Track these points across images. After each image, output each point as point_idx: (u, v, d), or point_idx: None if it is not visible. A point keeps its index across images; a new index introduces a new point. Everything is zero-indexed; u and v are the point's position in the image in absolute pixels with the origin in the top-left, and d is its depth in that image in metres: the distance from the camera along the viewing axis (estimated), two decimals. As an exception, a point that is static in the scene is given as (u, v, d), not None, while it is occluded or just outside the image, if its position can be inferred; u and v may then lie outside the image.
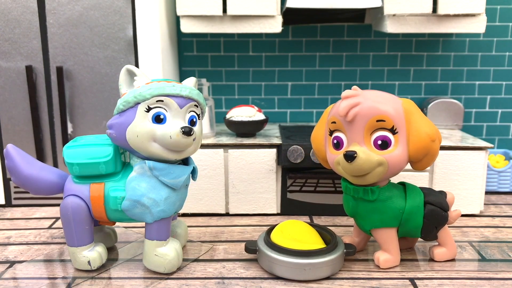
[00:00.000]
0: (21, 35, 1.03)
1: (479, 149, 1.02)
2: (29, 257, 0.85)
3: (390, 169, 0.74)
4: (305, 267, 0.75)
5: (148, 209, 0.74)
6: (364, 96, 0.74)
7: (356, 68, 1.27)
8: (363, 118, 0.73)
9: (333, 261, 0.76)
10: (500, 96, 1.28)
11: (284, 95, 1.29)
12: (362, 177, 0.74)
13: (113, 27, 1.03)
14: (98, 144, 0.76)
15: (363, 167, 0.72)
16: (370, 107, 0.72)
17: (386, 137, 0.73)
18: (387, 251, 0.80)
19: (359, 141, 0.74)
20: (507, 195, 1.19)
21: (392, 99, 0.75)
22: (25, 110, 1.07)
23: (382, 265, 0.80)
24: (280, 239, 0.79)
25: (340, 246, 0.79)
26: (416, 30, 1.06)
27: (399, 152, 0.74)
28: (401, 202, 0.78)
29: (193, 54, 1.26)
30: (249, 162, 1.03)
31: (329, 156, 0.79)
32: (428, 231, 0.79)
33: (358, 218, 0.81)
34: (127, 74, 0.75)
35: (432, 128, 0.75)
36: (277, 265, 0.76)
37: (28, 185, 0.77)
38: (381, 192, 0.77)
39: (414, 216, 0.78)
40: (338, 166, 0.76)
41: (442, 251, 0.83)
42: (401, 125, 0.74)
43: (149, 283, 0.76)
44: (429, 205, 0.78)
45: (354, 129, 0.74)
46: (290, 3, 1.01)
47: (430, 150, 0.75)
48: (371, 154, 0.73)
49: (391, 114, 0.73)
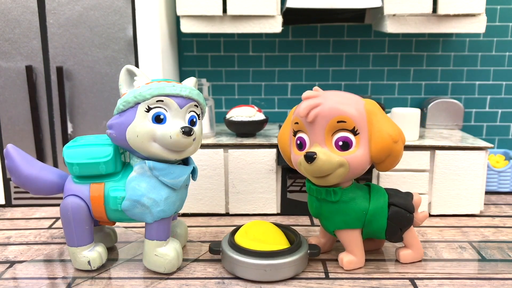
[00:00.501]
0: (21, 35, 1.03)
1: (479, 149, 1.02)
2: (29, 257, 0.85)
3: (352, 170, 0.74)
4: (266, 268, 0.74)
5: (148, 209, 0.74)
6: (325, 96, 0.74)
7: (356, 68, 1.27)
8: (323, 119, 0.72)
9: (295, 261, 0.75)
10: (500, 96, 1.28)
11: (284, 95, 1.29)
12: (324, 178, 0.74)
13: (113, 27, 1.03)
14: (98, 144, 0.76)
15: (323, 168, 0.72)
16: (331, 108, 0.72)
17: (347, 138, 0.73)
18: (351, 253, 0.80)
19: (320, 142, 0.73)
20: (507, 195, 1.19)
21: (353, 99, 0.75)
22: (25, 110, 1.07)
23: (345, 267, 0.79)
24: (244, 240, 0.78)
25: (304, 247, 0.78)
26: (416, 30, 1.06)
27: (360, 153, 0.73)
28: (364, 203, 0.77)
29: (193, 54, 1.26)
30: (249, 162, 1.03)
31: (293, 156, 0.79)
32: (393, 233, 0.79)
33: (322, 219, 0.80)
34: (127, 74, 0.75)
35: (394, 129, 0.74)
36: (238, 266, 0.76)
37: (28, 185, 0.77)
38: (344, 193, 0.76)
39: (377, 217, 0.77)
40: (300, 167, 0.76)
41: (408, 252, 0.82)
42: (362, 126, 0.73)
43: (149, 283, 0.76)
44: (393, 206, 0.77)
45: (315, 130, 0.73)
46: (290, 3, 1.01)
47: (392, 151, 0.74)
48: (332, 155, 0.72)
49: (352, 115, 0.72)
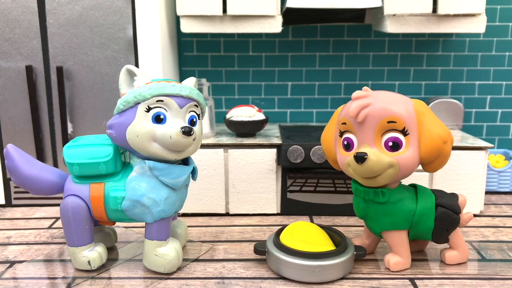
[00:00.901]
0: (21, 35, 1.03)
1: (479, 149, 1.02)
2: (29, 257, 0.85)
3: (401, 171, 0.73)
4: (315, 269, 0.74)
5: (148, 209, 0.74)
6: (375, 97, 0.73)
7: (356, 68, 1.27)
8: (373, 119, 0.72)
9: (342, 263, 0.76)
10: (500, 96, 1.28)
11: (284, 95, 1.29)
12: (373, 179, 0.74)
13: (113, 27, 1.03)
14: (98, 144, 0.76)
15: (373, 169, 0.72)
16: (381, 108, 0.72)
17: (397, 138, 0.72)
18: (397, 254, 0.79)
19: (369, 142, 0.73)
20: (507, 195, 1.19)
21: (403, 100, 0.74)
22: (25, 110, 1.07)
23: (392, 268, 0.79)
24: (290, 241, 0.78)
25: (350, 248, 0.78)
26: (416, 30, 1.05)
27: (410, 153, 0.73)
28: (412, 204, 0.77)
29: (193, 54, 1.26)
30: (249, 162, 1.03)
31: (339, 157, 0.78)
32: (440, 234, 0.78)
33: (369, 220, 0.80)
34: (127, 74, 0.75)
35: (444, 129, 0.74)
36: (286, 267, 0.76)
37: (28, 185, 0.77)
38: (392, 194, 0.76)
39: (425, 218, 0.77)
40: (348, 168, 0.75)
41: (454, 254, 0.82)
42: (412, 126, 0.73)
43: (149, 283, 0.76)
44: (440, 207, 0.77)
45: (365, 130, 0.73)
46: (290, 3, 1.01)
47: (442, 151, 0.74)
48: (382, 155, 0.72)
49: (402, 115, 0.72)
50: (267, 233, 0.97)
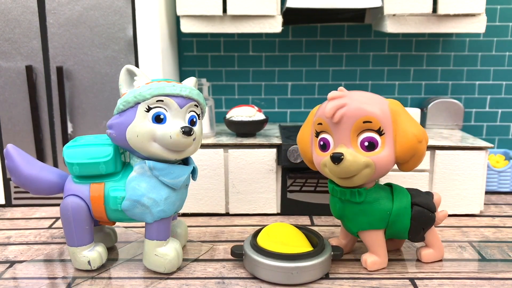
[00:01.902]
0: (21, 35, 1.03)
1: (479, 149, 1.02)
2: (29, 257, 0.85)
3: (377, 170, 0.73)
4: (292, 271, 0.74)
5: (148, 209, 0.74)
6: (350, 97, 0.73)
7: (356, 68, 1.27)
8: (349, 119, 0.72)
9: (320, 264, 0.75)
10: (500, 96, 1.28)
11: (284, 95, 1.29)
12: (349, 179, 0.74)
13: (113, 27, 1.03)
14: (98, 144, 0.76)
15: (350, 169, 0.72)
16: (357, 108, 0.72)
17: (373, 138, 0.73)
18: (374, 253, 0.80)
19: (345, 142, 0.73)
20: (507, 195, 1.19)
21: (378, 100, 0.75)
22: (25, 110, 1.07)
23: (369, 267, 0.79)
24: (267, 243, 0.78)
25: (327, 249, 0.78)
26: (416, 30, 1.05)
27: (386, 153, 0.73)
28: (388, 204, 0.77)
29: (193, 54, 1.26)
30: (249, 162, 1.03)
31: (315, 157, 0.78)
32: (416, 233, 0.79)
33: (345, 220, 0.80)
34: (127, 74, 0.75)
35: (418, 128, 0.74)
36: (263, 269, 0.75)
37: (28, 185, 0.77)
38: (368, 194, 0.76)
39: (401, 217, 0.77)
40: (324, 168, 0.75)
41: (429, 252, 0.82)
42: (387, 126, 0.73)
43: (149, 283, 0.76)
44: (416, 206, 0.77)
45: (341, 131, 0.73)
46: (290, 3, 1.01)
47: (417, 151, 0.74)
48: (358, 155, 0.72)
49: (377, 115, 0.72)
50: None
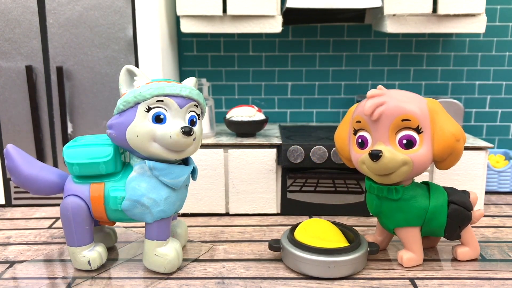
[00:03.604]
0: (21, 35, 1.03)
1: (479, 149, 1.02)
2: (29, 257, 0.85)
3: (415, 168, 0.74)
4: (330, 265, 0.76)
5: (148, 209, 0.74)
6: (389, 95, 0.74)
7: (356, 68, 1.27)
8: (388, 118, 0.73)
9: (356, 259, 0.77)
10: (500, 96, 1.28)
11: (284, 95, 1.29)
12: (387, 176, 0.75)
13: (113, 27, 1.03)
14: (98, 144, 0.76)
15: (388, 166, 0.73)
16: (396, 107, 0.73)
17: (411, 136, 0.73)
18: (410, 250, 0.81)
19: (384, 140, 0.74)
20: (507, 195, 1.19)
21: (417, 98, 0.76)
22: (25, 110, 1.07)
23: (405, 264, 0.80)
24: (304, 237, 0.80)
25: (364, 245, 0.80)
26: (416, 30, 1.05)
27: (424, 151, 0.74)
28: (425, 201, 0.78)
29: (193, 54, 1.26)
30: (249, 162, 1.03)
31: (353, 155, 0.79)
32: (452, 231, 0.80)
33: (382, 217, 0.81)
34: (127, 74, 0.75)
35: (456, 127, 0.75)
36: (302, 263, 0.77)
37: (28, 185, 0.77)
38: (405, 191, 0.77)
39: (438, 215, 0.78)
40: (362, 165, 0.77)
41: (465, 250, 0.83)
42: (426, 124, 0.74)
43: (149, 283, 0.76)
44: (453, 204, 0.78)
45: (379, 128, 0.74)
46: (290, 3, 1.01)
47: (454, 149, 0.75)
48: (396, 153, 0.73)
49: (416, 113, 0.73)
50: (267, 233, 0.97)
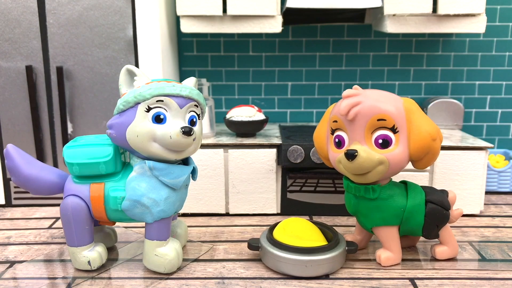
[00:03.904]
0: (21, 35, 1.03)
1: (479, 149, 1.02)
2: (29, 257, 0.85)
3: (391, 167, 0.75)
4: (306, 264, 0.76)
5: (148, 209, 0.74)
6: (365, 95, 0.74)
7: (356, 68, 1.27)
8: (364, 117, 0.73)
9: (334, 258, 0.77)
10: (500, 96, 1.28)
11: (284, 95, 1.29)
12: (363, 176, 0.75)
13: (113, 27, 1.03)
14: (98, 144, 0.76)
15: (364, 166, 0.73)
16: (371, 106, 0.73)
17: (387, 136, 0.74)
18: (388, 249, 0.81)
19: (360, 140, 0.74)
20: (507, 195, 1.19)
21: (393, 98, 0.76)
22: (25, 110, 1.07)
23: (383, 263, 0.81)
24: (283, 237, 0.80)
25: (342, 244, 0.80)
26: (416, 30, 1.05)
27: (400, 151, 0.74)
28: (402, 201, 0.78)
29: (193, 54, 1.26)
30: (249, 162, 1.03)
31: (331, 154, 0.80)
32: (430, 230, 0.80)
33: (360, 216, 0.82)
34: (127, 74, 0.75)
35: (433, 127, 0.75)
36: (279, 262, 0.77)
37: (28, 185, 0.77)
38: (382, 191, 0.78)
39: (415, 214, 0.78)
40: (339, 165, 0.77)
41: (444, 249, 0.83)
42: (402, 124, 0.74)
43: (149, 283, 0.76)
44: (430, 203, 0.79)
45: (355, 128, 0.74)
46: (290, 3, 1.01)
47: (431, 149, 0.75)
48: (372, 152, 0.73)
49: (392, 113, 0.73)
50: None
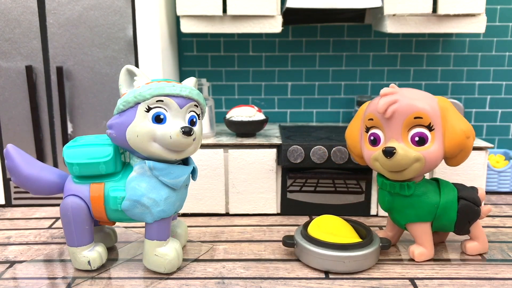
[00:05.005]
0: (21, 35, 1.03)
1: (479, 149, 1.02)
2: (29, 257, 0.85)
3: (427, 165, 0.76)
4: (344, 260, 0.77)
5: (148, 209, 0.74)
6: (401, 93, 0.76)
7: (356, 68, 1.27)
8: (401, 115, 0.75)
9: (370, 254, 0.79)
10: (500, 96, 1.28)
11: (284, 95, 1.29)
12: (400, 173, 0.77)
13: (113, 27, 1.03)
14: (98, 144, 0.76)
15: (401, 163, 0.75)
16: (408, 105, 0.75)
17: (423, 133, 0.75)
18: (421, 245, 0.82)
19: (396, 137, 0.76)
20: (507, 195, 1.19)
21: (428, 96, 0.78)
22: (25, 110, 1.07)
23: (417, 259, 0.82)
24: (318, 233, 0.81)
25: (376, 240, 0.81)
26: (416, 30, 1.06)
27: (435, 148, 0.76)
28: (435, 197, 0.80)
29: (193, 54, 1.26)
30: (249, 162, 1.03)
31: (365, 152, 0.81)
32: (462, 226, 0.81)
33: (394, 212, 0.83)
34: (127, 74, 0.75)
35: (466, 125, 0.77)
36: (316, 258, 0.79)
37: (28, 185, 0.77)
38: (417, 188, 0.79)
39: (448, 211, 0.80)
40: (375, 162, 0.78)
41: (474, 245, 0.84)
42: (437, 122, 0.76)
43: (149, 283, 0.76)
44: (462, 200, 0.80)
45: (392, 126, 0.76)
46: (290, 3, 1.01)
47: (465, 146, 0.77)
48: (409, 150, 0.75)
49: (428, 111, 0.75)
50: (267, 233, 0.97)
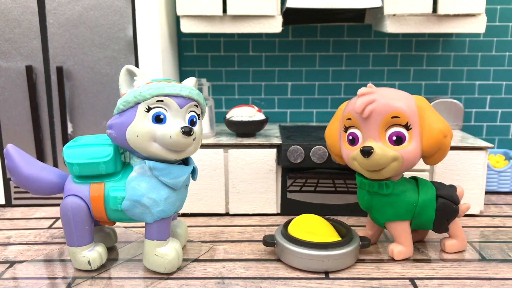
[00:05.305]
0: (21, 35, 1.03)
1: (479, 149, 1.02)
2: (29, 257, 0.85)
3: (405, 164, 0.77)
4: (324, 259, 0.77)
5: (148, 209, 0.74)
6: (379, 93, 0.76)
7: (356, 68, 1.27)
8: (378, 115, 0.75)
9: (349, 253, 0.79)
10: (500, 96, 1.28)
11: (284, 95, 1.29)
12: (378, 172, 0.77)
13: (113, 27, 1.03)
14: (98, 144, 0.76)
15: (379, 162, 0.75)
16: (386, 104, 0.75)
17: (400, 133, 0.76)
18: (401, 243, 0.83)
19: (374, 137, 0.76)
20: (507, 195, 1.19)
21: (405, 96, 0.78)
22: (25, 110, 1.07)
23: (396, 257, 0.82)
24: (298, 233, 0.81)
25: (356, 239, 0.82)
26: (416, 30, 1.06)
27: (413, 147, 0.76)
28: (414, 196, 0.80)
29: (193, 54, 1.26)
30: (249, 162, 1.03)
31: (344, 151, 0.81)
32: (440, 224, 0.82)
33: (373, 211, 0.83)
34: (127, 74, 0.75)
35: (444, 124, 0.77)
36: (297, 257, 0.79)
37: (28, 185, 0.77)
38: (395, 186, 0.79)
39: (426, 209, 0.80)
40: (354, 162, 0.79)
41: (453, 242, 0.85)
42: (414, 121, 0.76)
43: (149, 283, 0.76)
44: (441, 198, 0.81)
45: (370, 125, 0.76)
46: (290, 3, 1.01)
47: (442, 145, 0.77)
48: (387, 149, 0.75)
49: (405, 110, 0.75)
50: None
